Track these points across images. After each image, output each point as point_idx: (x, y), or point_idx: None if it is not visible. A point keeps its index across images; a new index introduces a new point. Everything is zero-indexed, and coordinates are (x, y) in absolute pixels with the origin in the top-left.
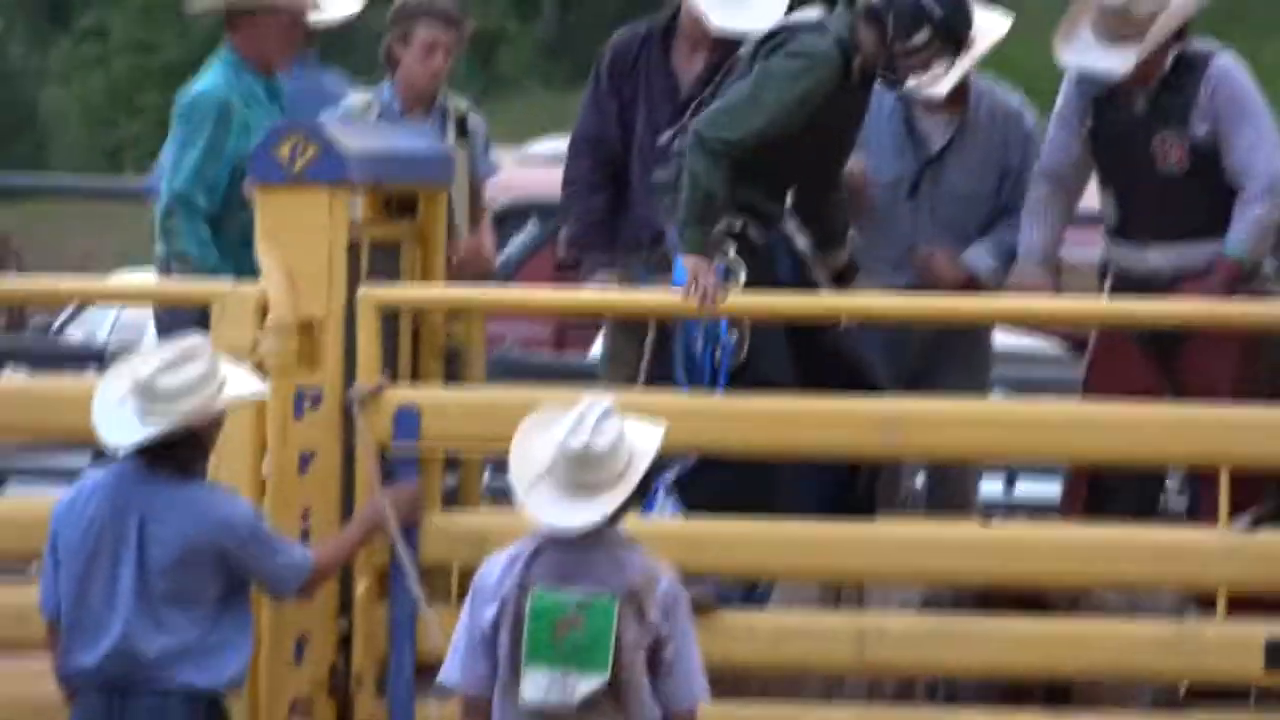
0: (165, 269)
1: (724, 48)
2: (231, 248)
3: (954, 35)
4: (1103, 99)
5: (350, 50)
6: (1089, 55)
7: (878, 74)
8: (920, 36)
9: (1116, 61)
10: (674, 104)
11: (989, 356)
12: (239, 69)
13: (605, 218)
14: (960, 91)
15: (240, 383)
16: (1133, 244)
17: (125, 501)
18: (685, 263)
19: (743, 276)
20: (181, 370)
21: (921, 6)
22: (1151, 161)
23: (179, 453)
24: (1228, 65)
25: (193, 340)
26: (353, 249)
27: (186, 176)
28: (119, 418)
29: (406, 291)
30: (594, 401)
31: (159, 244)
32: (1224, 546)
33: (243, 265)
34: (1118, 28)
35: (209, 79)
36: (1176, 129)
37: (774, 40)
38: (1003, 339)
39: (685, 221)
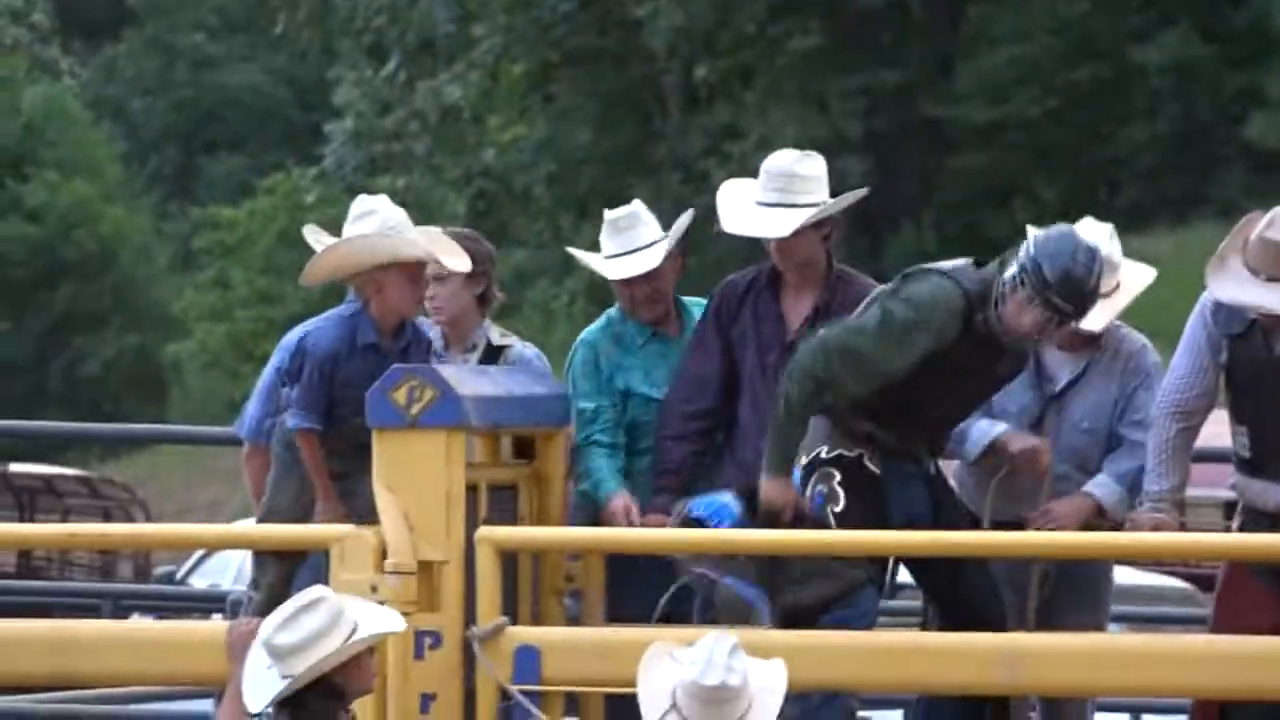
0: None
1: (830, 289)
2: None
3: (1057, 305)
4: (1239, 335)
5: None
6: (1250, 292)
7: (995, 329)
8: (1010, 272)
9: (1272, 300)
10: (782, 345)
11: (1109, 591)
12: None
13: (687, 467)
14: (1093, 336)
15: (372, 621)
16: (1266, 480)
17: None
18: (763, 484)
19: (841, 505)
20: (299, 624)
21: (1043, 276)
22: None
23: (315, 705)
24: None
25: (311, 591)
26: (471, 490)
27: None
28: (260, 679)
29: (524, 532)
30: (719, 637)
31: None
32: None
33: None
34: (1275, 264)
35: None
36: None
37: (897, 284)
38: (1129, 575)
39: (771, 440)
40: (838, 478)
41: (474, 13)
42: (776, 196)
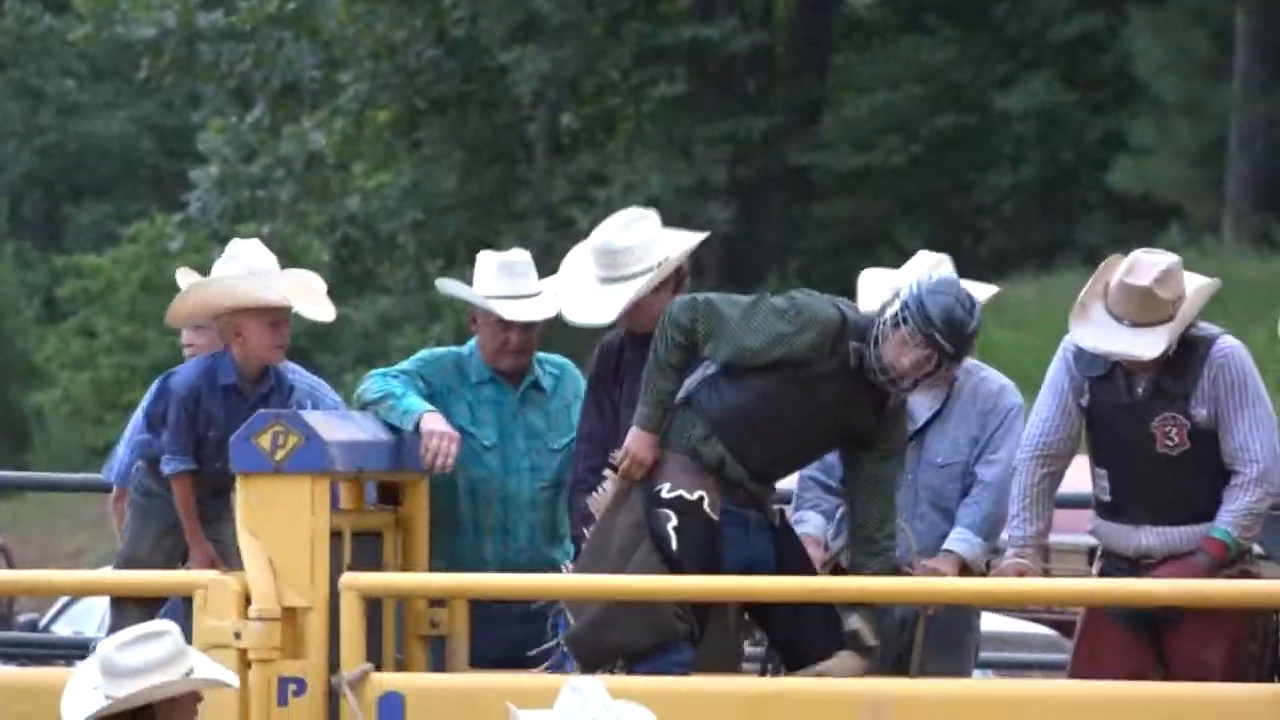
0: None
1: None
2: None
3: (924, 313)
4: (1100, 378)
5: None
6: (1113, 339)
7: (870, 365)
8: (890, 309)
9: (1144, 346)
10: None
11: (972, 637)
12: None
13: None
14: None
15: (210, 668)
16: (1126, 524)
17: None
18: (629, 435)
19: (675, 547)
20: (141, 649)
21: (929, 318)
22: (1151, 442)
23: None
24: (1231, 348)
25: (160, 623)
26: (335, 536)
27: None
28: (82, 696)
29: (389, 578)
30: (580, 683)
31: None
32: None
33: None
34: (1138, 310)
35: None
36: (1178, 411)
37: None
38: (992, 621)
39: (642, 393)
40: (674, 521)
41: (339, 59)
42: (606, 273)
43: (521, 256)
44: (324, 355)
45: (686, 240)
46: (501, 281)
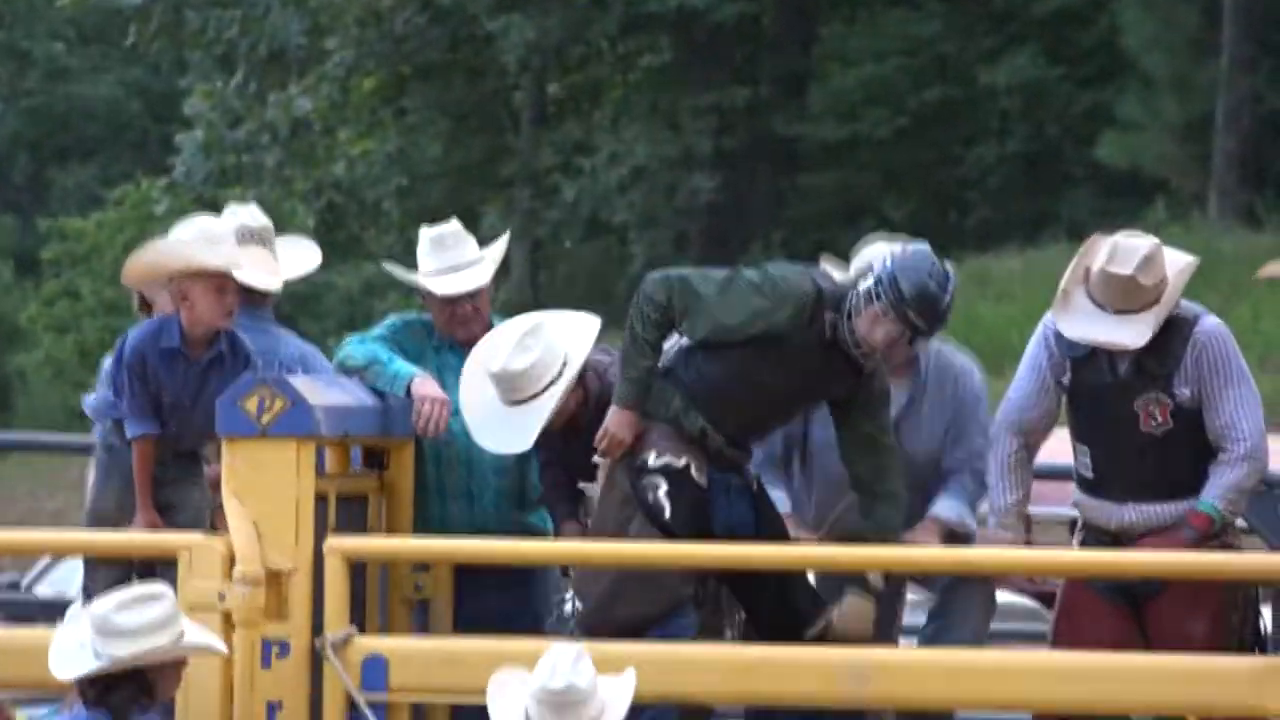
0: None
1: None
2: None
3: (897, 291)
4: (1081, 359)
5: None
6: (1097, 327)
7: (844, 337)
8: (865, 283)
9: (1128, 334)
10: None
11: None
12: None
13: (563, 485)
14: (911, 360)
15: (198, 634)
16: (1108, 500)
17: None
18: (610, 413)
19: (667, 515)
20: (139, 611)
21: (902, 295)
22: (1134, 422)
23: (125, 696)
24: (1213, 328)
25: (157, 585)
26: (320, 500)
27: None
28: (73, 653)
29: (373, 542)
30: (563, 646)
31: None
32: None
33: None
34: (1122, 298)
35: None
36: (1161, 390)
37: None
38: None
39: (621, 371)
40: (664, 488)
41: (325, 25)
42: (510, 396)
43: (452, 228)
44: (307, 321)
45: (583, 335)
46: (434, 257)
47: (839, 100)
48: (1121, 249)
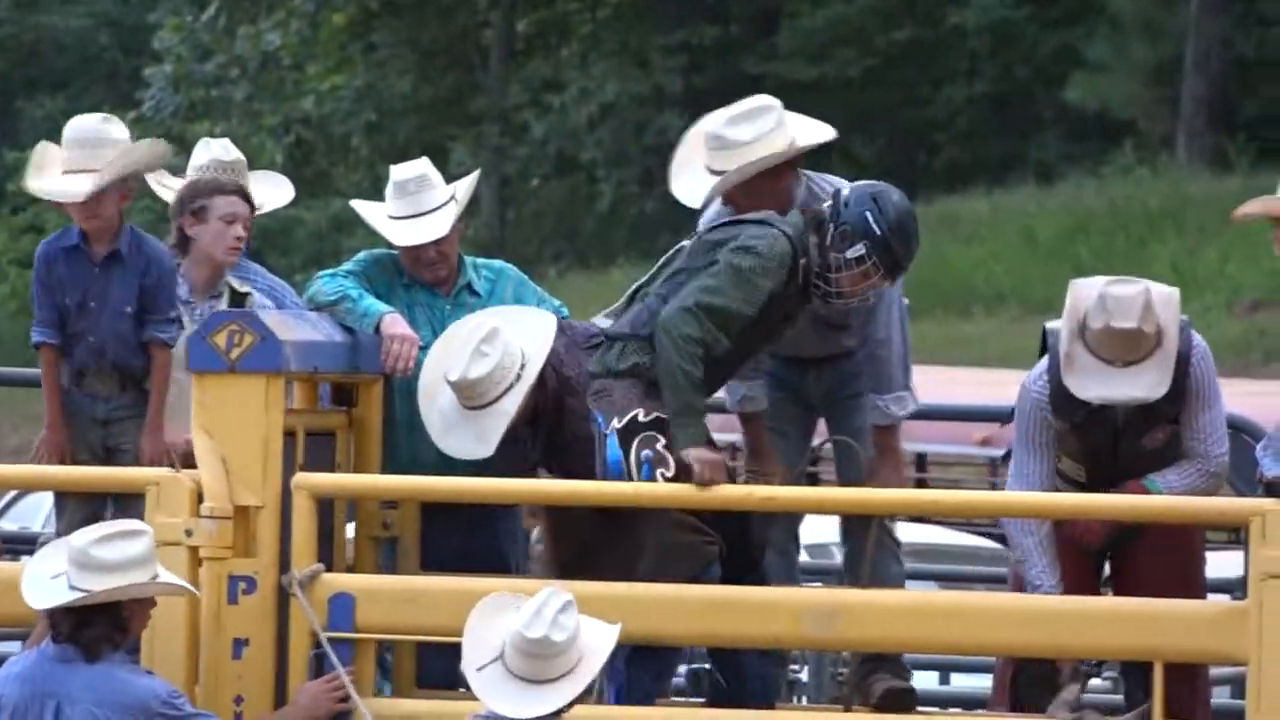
0: None
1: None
2: None
3: (890, 256)
4: (1083, 420)
5: (291, 249)
6: (1112, 385)
7: (812, 282)
8: (856, 250)
9: (1143, 387)
10: None
11: None
12: None
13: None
14: None
15: (170, 574)
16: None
17: (43, 686)
18: (693, 458)
19: (671, 469)
20: (119, 546)
21: (866, 221)
22: (1135, 445)
23: (99, 631)
24: (1203, 351)
25: (136, 522)
26: (289, 436)
27: None
28: (48, 584)
29: (341, 479)
30: (553, 593)
31: None
32: None
33: None
34: (1128, 351)
35: None
36: (1167, 422)
37: (724, 234)
38: (938, 535)
39: (679, 415)
40: (662, 441)
41: None
42: (469, 401)
43: (417, 173)
44: (275, 256)
45: (540, 334)
46: (398, 202)
47: (808, 40)
48: (1114, 300)
